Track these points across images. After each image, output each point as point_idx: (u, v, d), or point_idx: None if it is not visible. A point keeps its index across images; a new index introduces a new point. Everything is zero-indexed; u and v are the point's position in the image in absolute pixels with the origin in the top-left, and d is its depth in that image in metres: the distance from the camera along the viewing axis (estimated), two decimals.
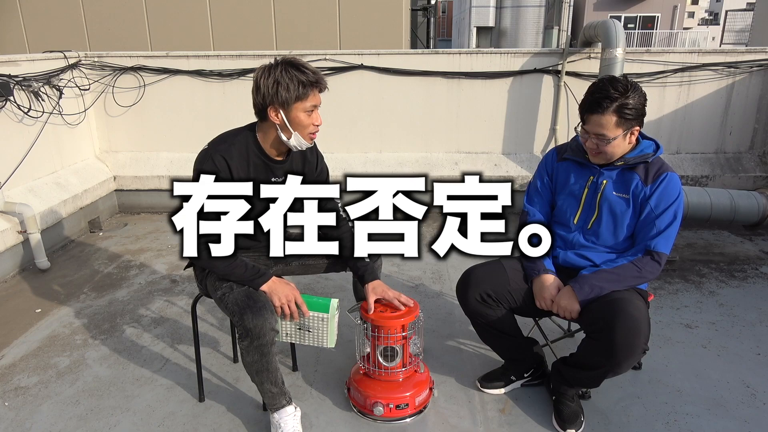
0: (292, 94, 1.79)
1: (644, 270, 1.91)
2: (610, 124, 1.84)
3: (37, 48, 5.87)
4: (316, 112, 1.89)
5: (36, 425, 2.11)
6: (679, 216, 1.93)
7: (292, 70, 1.79)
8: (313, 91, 1.84)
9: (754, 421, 2.08)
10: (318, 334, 1.99)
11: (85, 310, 3.03)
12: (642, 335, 1.78)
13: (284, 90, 1.78)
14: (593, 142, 1.90)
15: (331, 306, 1.94)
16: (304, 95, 1.81)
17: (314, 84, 1.82)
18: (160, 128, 4.75)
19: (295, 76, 1.79)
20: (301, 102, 1.82)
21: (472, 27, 14.90)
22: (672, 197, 1.92)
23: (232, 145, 1.89)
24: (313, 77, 1.82)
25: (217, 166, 1.83)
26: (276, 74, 1.79)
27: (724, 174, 4.52)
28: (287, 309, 1.88)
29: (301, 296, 1.93)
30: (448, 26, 26.34)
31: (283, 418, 1.96)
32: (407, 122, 4.68)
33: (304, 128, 1.87)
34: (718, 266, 3.54)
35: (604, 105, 1.82)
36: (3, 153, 3.67)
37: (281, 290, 1.89)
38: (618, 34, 4.02)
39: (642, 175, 1.95)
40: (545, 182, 2.18)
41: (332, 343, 2.00)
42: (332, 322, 1.97)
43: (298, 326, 1.98)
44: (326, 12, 6.33)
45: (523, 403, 2.20)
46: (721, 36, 27.11)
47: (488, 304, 2.07)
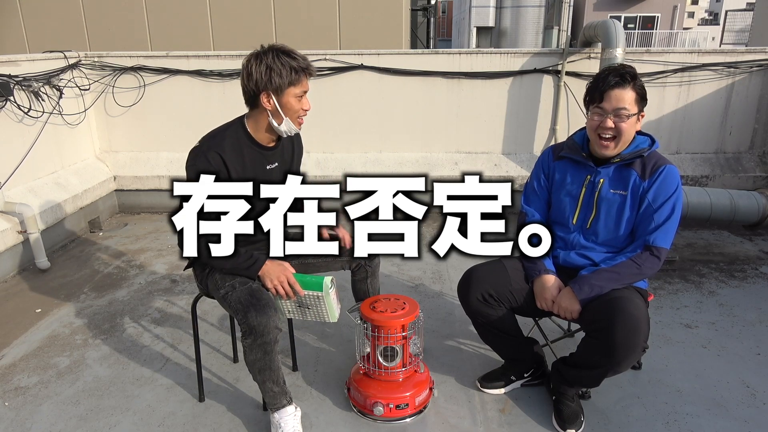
0: (285, 80, 1.83)
1: (644, 267, 1.90)
2: (631, 98, 1.88)
3: (37, 48, 5.87)
4: (305, 97, 1.94)
5: (36, 425, 2.11)
6: (677, 209, 1.92)
7: (283, 57, 1.83)
8: (304, 77, 1.88)
9: (754, 422, 2.08)
10: (317, 311, 1.99)
11: (85, 310, 3.03)
12: (641, 334, 1.78)
13: (277, 76, 1.82)
14: (611, 120, 1.89)
15: (324, 284, 1.92)
16: (296, 81, 1.85)
17: (305, 70, 1.87)
18: (160, 128, 4.75)
19: (288, 62, 1.82)
20: (293, 87, 1.86)
21: (472, 27, 14.90)
22: (670, 190, 1.91)
23: (223, 138, 1.91)
24: (304, 63, 1.86)
25: (211, 162, 1.85)
26: (268, 61, 1.81)
27: (724, 174, 4.53)
28: (281, 289, 1.90)
29: (295, 276, 1.93)
30: (448, 26, 26.34)
31: (283, 417, 1.96)
32: (407, 122, 4.68)
33: (294, 113, 1.92)
34: (718, 266, 3.54)
35: (627, 79, 1.87)
36: (3, 153, 3.67)
37: (273, 272, 1.90)
38: (618, 34, 4.02)
39: (639, 170, 1.95)
40: (542, 182, 2.17)
41: (334, 318, 2.00)
42: (328, 299, 1.95)
43: (298, 304, 1.99)
44: (326, 12, 6.33)
45: (523, 403, 2.20)
46: (721, 36, 27.14)
47: (489, 304, 2.07)
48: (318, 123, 4.64)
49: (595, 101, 1.92)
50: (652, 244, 1.91)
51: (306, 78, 1.88)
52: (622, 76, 1.87)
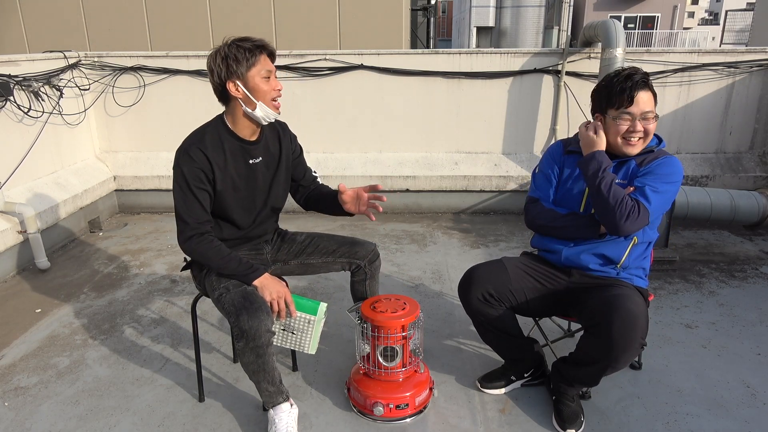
0: (243, 63, 1.84)
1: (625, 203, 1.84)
2: (651, 100, 1.91)
3: (37, 48, 5.88)
4: (273, 77, 1.93)
5: (36, 425, 2.11)
6: (675, 182, 1.92)
7: (235, 43, 1.85)
8: (261, 55, 1.87)
9: (754, 422, 2.08)
10: (301, 337, 2.00)
11: (85, 310, 3.03)
12: (639, 329, 1.78)
13: (233, 61, 1.83)
14: (641, 125, 1.89)
15: (319, 309, 1.96)
16: (254, 60, 1.85)
17: (260, 48, 1.87)
18: (160, 128, 4.76)
19: (240, 46, 1.84)
20: (254, 67, 1.86)
21: (472, 27, 14.90)
22: (669, 169, 1.92)
23: (204, 134, 1.93)
24: (259, 42, 1.87)
25: (194, 158, 1.87)
26: (223, 51, 1.84)
27: (724, 174, 4.52)
28: (276, 306, 1.89)
29: (292, 296, 1.94)
30: (448, 26, 26.35)
31: (278, 414, 1.97)
32: (407, 122, 4.68)
33: (265, 94, 1.90)
34: (718, 266, 3.54)
35: (648, 81, 1.90)
36: (3, 153, 3.67)
37: (273, 286, 1.91)
38: (618, 34, 4.02)
39: (638, 161, 1.98)
40: (554, 172, 2.13)
41: (313, 350, 2.01)
42: (317, 326, 1.98)
43: (283, 327, 1.99)
44: (326, 12, 6.33)
45: (523, 403, 2.20)
46: (721, 36, 27.13)
47: (490, 304, 2.07)
48: (318, 123, 4.64)
49: (622, 105, 1.90)
50: (640, 193, 1.88)
51: (264, 55, 1.88)
52: (644, 80, 1.89)
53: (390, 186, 4.68)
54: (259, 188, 2.05)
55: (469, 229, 4.31)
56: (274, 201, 2.14)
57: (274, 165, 2.09)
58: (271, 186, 2.09)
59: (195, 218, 1.89)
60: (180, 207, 1.89)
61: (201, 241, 1.90)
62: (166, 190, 4.71)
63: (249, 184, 2.02)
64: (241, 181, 1.99)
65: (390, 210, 4.80)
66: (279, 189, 2.13)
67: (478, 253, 3.77)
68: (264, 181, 2.06)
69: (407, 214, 4.77)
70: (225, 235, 2.05)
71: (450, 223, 4.51)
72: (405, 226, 4.43)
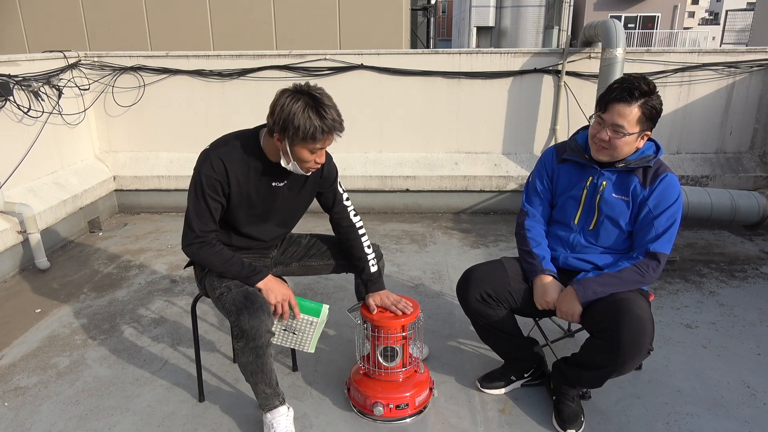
0: (300, 136, 1.72)
1: (646, 274, 1.91)
2: (633, 117, 1.83)
3: (37, 48, 5.87)
4: (322, 151, 1.84)
5: (36, 425, 2.11)
6: (678, 217, 1.93)
7: (311, 112, 1.70)
8: (326, 138, 1.77)
9: (754, 422, 2.08)
10: (302, 337, 2.01)
11: (85, 310, 3.03)
12: (647, 335, 1.78)
13: (293, 129, 1.70)
14: (607, 133, 1.87)
15: (322, 311, 1.97)
16: (314, 143, 1.75)
17: (329, 132, 1.76)
18: (159, 128, 4.75)
19: (312, 121, 1.70)
20: (310, 145, 1.77)
21: (472, 27, 14.91)
22: (671, 199, 1.92)
23: (233, 148, 1.86)
24: (330, 124, 1.73)
25: (214, 168, 1.82)
26: (294, 107, 1.69)
27: (725, 174, 4.52)
28: (280, 309, 1.89)
29: (295, 298, 1.94)
30: (448, 26, 26.34)
31: (276, 418, 1.97)
32: (407, 122, 4.68)
33: (304, 162, 1.82)
34: (718, 266, 3.53)
35: (635, 95, 1.80)
36: (3, 153, 3.67)
37: (278, 289, 1.90)
38: (618, 34, 4.02)
39: (640, 177, 1.95)
40: (545, 183, 2.16)
41: (312, 349, 2.03)
42: (319, 328, 1.99)
43: (284, 327, 2.00)
44: (326, 12, 6.33)
45: (523, 403, 2.20)
46: (721, 36, 27.12)
47: (489, 304, 2.07)
48: None
49: (600, 108, 1.91)
50: (653, 250, 1.91)
51: (328, 138, 1.77)
52: (630, 92, 1.81)
53: (390, 186, 4.68)
54: (275, 209, 2.01)
55: (469, 229, 4.31)
56: (288, 221, 2.11)
57: (296, 189, 2.01)
58: (288, 208, 2.05)
59: (201, 227, 1.86)
60: (190, 211, 1.87)
61: (202, 248, 1.89)
62: (166, 190, 4.70)
63: (266, 205, 1.97)
64: (258, 199, 1.94)
65: (390, 210, 4.80)
66: (296, 212, 2.10)
67: (478, 253, 3.77)
68: (282, 202, 2.01)
69: (407, 214, 4.77)
70: (232, 242, 2.03)
71: (450, 223, 4.51)
72: (405, 226, 4.43)
